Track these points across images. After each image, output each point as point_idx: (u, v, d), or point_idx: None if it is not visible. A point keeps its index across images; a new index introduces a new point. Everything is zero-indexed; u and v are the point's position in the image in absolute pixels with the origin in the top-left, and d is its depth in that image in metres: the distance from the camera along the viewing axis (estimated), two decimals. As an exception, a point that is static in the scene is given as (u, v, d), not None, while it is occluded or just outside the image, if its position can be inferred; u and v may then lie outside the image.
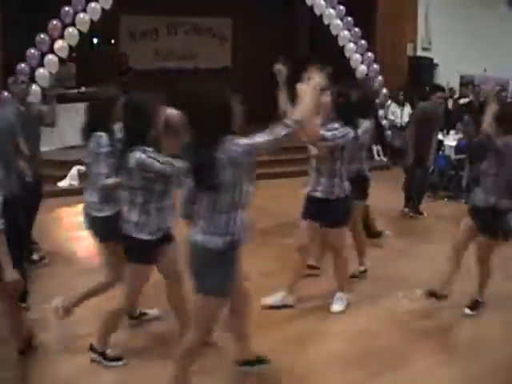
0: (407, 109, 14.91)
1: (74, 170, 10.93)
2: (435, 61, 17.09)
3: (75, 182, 10.90)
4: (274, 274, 6.79)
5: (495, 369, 4.94)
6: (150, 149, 4.46)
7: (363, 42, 14.76)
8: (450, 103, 15.31)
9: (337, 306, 6.05)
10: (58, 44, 11.61)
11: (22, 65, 11.33)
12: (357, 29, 14.62)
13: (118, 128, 4.92)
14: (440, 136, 12.68)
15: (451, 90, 16.16)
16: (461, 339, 5.47)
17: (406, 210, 10.00)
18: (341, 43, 14.48)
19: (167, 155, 4.49)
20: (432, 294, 6.07)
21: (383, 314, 5.93)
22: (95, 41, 16.07)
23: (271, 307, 5.96)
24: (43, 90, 11.37)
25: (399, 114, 15.04)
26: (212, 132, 3.92)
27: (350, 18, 14.47)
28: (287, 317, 5.81)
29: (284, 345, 5.23)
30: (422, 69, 16.72)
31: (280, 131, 3.89)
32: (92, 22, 11.91)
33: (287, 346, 5.22)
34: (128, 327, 5.54)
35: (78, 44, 12.06)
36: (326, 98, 5.59)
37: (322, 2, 14.00)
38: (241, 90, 4.24)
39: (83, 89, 12.92)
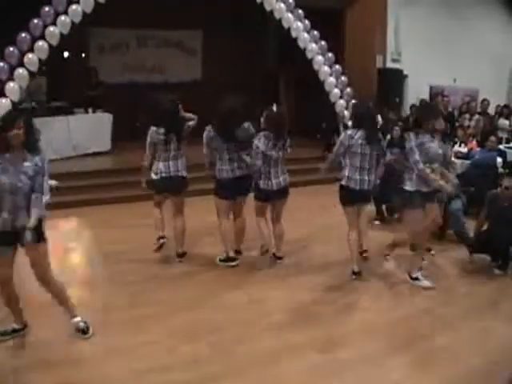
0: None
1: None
2: (405, 72, 17.24)
3: (47, 197, 10.62)
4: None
5: (471, 374, 4.98)
6: None
7: (330, 54, 14.83)
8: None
9: None
10: (28, 57, 11.52)
11: (-9, 78, 11.24)
12: (323, 42, 14.68)
13: None
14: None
15: (422, 101, 16.29)
16: (437, 346, 5.49)
17: None
18: (309, 56, 14.53)
19: None
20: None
21: (358, 324, 5.95)
22: (65, 54, 15.98)
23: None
24: (14, 104, 11.29)
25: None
26: None
27: (316, 32, 14.54)
28: (261, 330, 5.81)
29: (265, 357, 5.24)
30: (392, 80, 16.84)
31: None
32: (62, 35, 11.84)
33: (267, 358, 5.22)
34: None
35: (48, 57, 11.97)
36: None
37: (290, 16, 14.07)
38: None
39: (54, 103, 12.83)
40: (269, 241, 7.69)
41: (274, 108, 7.46)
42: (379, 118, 12.16)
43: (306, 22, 14.38)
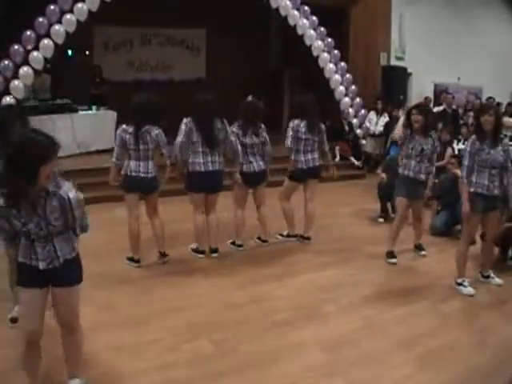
0: (384, 118, 14.95)
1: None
2: (409, 70, 17.23)
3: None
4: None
5: (473, 373, 4.98)
6: None
7: (336, 51, 14.84)
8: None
9: None
10: (33, 55, 11.54)
11: (-4, 77, 11.26)
12: (330, 39, 14.69)
13: None
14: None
15: (426, 99, 16.29)
16: (439, 344, 5.49)
17: None
18: (315, 53, 14.55)
19: None
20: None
21: (360, 322, 5.96)
22: (69, 52, 15.98)
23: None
24: (18, 101, 11.29)
25: (375, 121, 15.07)
26: None
27: (322, 29, 14.55)
28: (263, 328, 5.82)
29: (268, 355, 5.25)
30: (396, 78, 16.83)
31: None
32: (67, 33, 11.86)
33: (270, 356, 5.24)
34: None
35: (53, 55, 11.99)
36: None
37: (296, 13, 14.07)
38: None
39: (58, 101, 12.83)
40: (242, 234, 8.27)
41: (248, 99, 8.16)
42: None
43: (314, 18, 14.39)
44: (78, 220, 4.04)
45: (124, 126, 7.13)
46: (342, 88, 14.99)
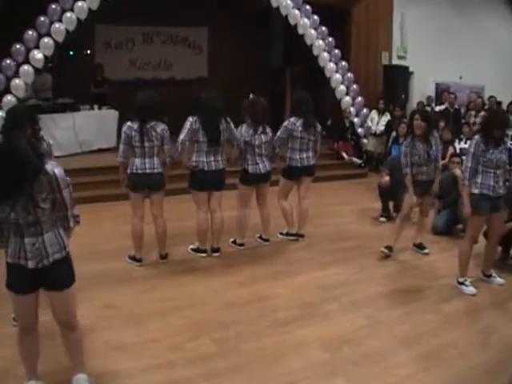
0: (385, 118, 14.92)
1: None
2: (411, 69, 17.21)
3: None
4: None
5: (475, 372, 4.97)
6: None
7: (337, 51, 14.82)
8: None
9: None
10: (34, 54, 11.52)
11: (-3, 75, 11.25)
12: (331, 38, 14.67)
13: None
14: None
15: (429, 98, 16.27)
16: (441, 343, 5.48)
17: None
18: (315, 52, 14.53)
19: None
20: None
21: (362, 321, 5.95)
22: (71, 51, 15.96)
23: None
24: (19, 100, 11.29)
25: (376, 121, 15.05)
26: None
27: (324, 28, 14.53)
28: (265, 327, 5.81)
29: (269, 354, 5.24)
30: (398, 77, 16.81)
31: None
32: (67, 32, 11.84)
33: (272, 355, 5.22)
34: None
35: (54, 54, 11.98)
36: None
37: (297, 12, 14.05)
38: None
39: (60, 100, 12.83)
40: (245, 233, 8.29)
41: (250, 96, 8.24)
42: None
43: (315, 17, 14.37)
44: (67, 204, 4.06)
45: (129, 122, 7.09)
46: (342, 87, 14.96)
